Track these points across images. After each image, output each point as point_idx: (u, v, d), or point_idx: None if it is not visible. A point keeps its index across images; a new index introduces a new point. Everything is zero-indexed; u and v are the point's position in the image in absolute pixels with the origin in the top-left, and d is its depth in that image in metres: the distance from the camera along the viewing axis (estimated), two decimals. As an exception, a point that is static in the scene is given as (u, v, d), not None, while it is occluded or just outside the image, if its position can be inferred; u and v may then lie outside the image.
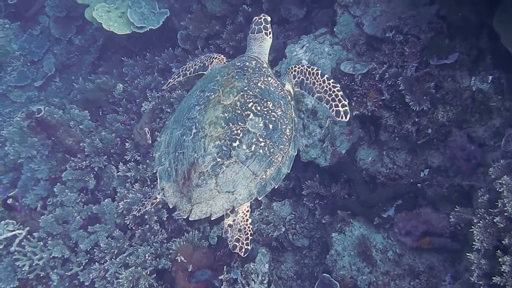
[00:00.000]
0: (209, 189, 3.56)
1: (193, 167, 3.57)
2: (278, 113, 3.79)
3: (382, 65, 5.33)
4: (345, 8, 5.95)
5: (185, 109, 3.93)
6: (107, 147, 7.13)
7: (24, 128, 7.51)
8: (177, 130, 3.85)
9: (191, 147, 3.62)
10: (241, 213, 3.77)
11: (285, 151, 3.76)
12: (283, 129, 3.77)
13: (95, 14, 8.07)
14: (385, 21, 5.55)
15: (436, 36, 5.15)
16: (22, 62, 10.66)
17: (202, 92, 3.93)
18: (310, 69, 4.08)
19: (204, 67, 4.64)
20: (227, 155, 3.55)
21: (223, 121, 3.61)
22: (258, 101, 3.75)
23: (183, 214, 3.64)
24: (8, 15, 11.30)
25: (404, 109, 5.17)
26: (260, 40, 4.40)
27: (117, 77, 8.55)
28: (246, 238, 3.74)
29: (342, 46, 5.82)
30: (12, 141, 7.50)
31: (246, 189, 3.62)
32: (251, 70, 4.00)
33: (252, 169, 3.60)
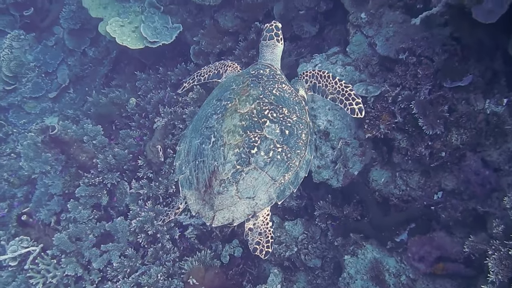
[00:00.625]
0: (230, 195, 3.65)
1: (214, 175, 3.67)
2: (294, 118, 3.89)
3: (395, 87, 5.29)
4: (358, 28, 5.91)
5: (203, 118, 4.01)
6: (120, 163, 7.16)
7: (38, 143, 7.58)
8: (196, 139, 3.95)
9: (211, 156, 3.72)
10: (261, 217, 3.85)
11: (301, 155, 3.86)
12: (299, 134, 3.87)
13: (108, 29, 8.11)
14: (398, 42, 5.50)
15: (449, 58, 5.09)
16: (36, 73, 10.75)
17: (218, 101, 4.01)
18: (322, 72, 4.24)
19: (218, 74, 4.76)
20: (246, 162, 3.64)
21: (241, 129, 3.71)
22: (273, 108, 3.84)
23: (206, 221, 3.72)
24: (23, 26, 11.40)
25: (417, 132, 5.12)
26: (272, 47, 4.51)
27: (130, 91, 8.58)
28: (267, 241, 3.80)
29: (355, 67, 5.79)
30: (26, 157, 7.57)
31: (266, 194, 3.70)
32: (266, 77, 4.10)
33: (271, 175, 3.69)
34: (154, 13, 8.23)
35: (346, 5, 6.02)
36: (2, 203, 8.37)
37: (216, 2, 7.54)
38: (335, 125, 5.66)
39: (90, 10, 8.85)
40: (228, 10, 7.75)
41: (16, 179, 8.54)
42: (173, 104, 7.65)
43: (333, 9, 6.87)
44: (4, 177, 8.69)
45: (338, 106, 4.19)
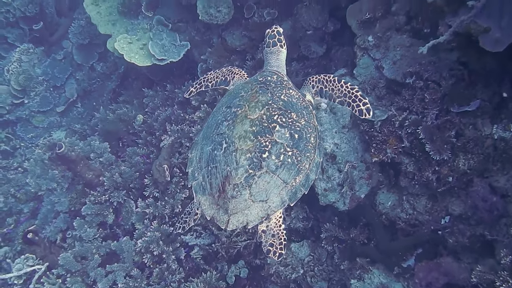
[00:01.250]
0: (244, 199, 3.73)
1: (227, 179, 3.76)
2: (302, 123, 3.99)
3: (402, 111, 5.28)
4: (365, 50, 5.90)
5: (213, 125, 4.12)
6: (126, 181, 7.17)
7: (45, 160, 7.62)
8: (207, 145, 4.04)
9: (223, 161, 3.81)
10: (274, 219, 3.92)
11: (311, 158, 3.95)
12: (308, 138, 3.96)
13: (117, 46, 8.15)
14: (405, 66, 5.49)
15: (457, 83, 5.07)
16: (45, 87, 10.81)
17: (228, 108, 4.12)
18: (327, 77, 4.36)
19: (226, 81, 4.85)
20: (258, 166, 3.73)
21: (251, 134, 3.81)
22: (282, 113, 3.95)
23: (221, 225, 3.81)
24: (32, 39, 11.49)
25: (425, 157, 5.10)
26: (276, 54, 4.63)
27: (138, 107, 8.60)
28: (280, 243, 3.87)
29: (362, 90, 5.75)
30: (33, 173, 7.61)
31: (278, 197, 3.79)
32: (273, 84, 4.22)
33: (282, 178, 3.78)
34: (162, 31, 8.27)
35: (353, 27, 6.01)
36: (9, 219, 8.38)
37: (224, 21, 7.58)
38: (342, 148, 5.64)
39: (99, 27, 8.90)
40: (235, 29, 7.79)
41: (23, 195, 8.57)
42: (180, 122, 7.66)
43: (340, 30, 6.88)
44: (11, 192, 8.71)
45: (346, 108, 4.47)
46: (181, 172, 6.96)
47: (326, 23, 6.87)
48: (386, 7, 5.69)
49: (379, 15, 5.73)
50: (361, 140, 5.64)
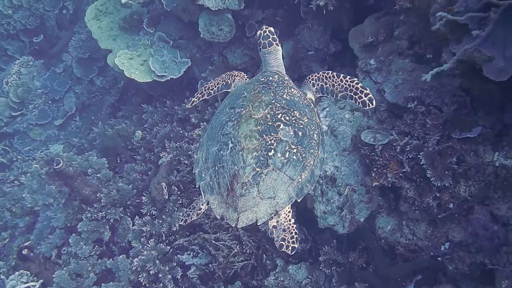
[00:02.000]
0: (252, 197, 3.78)
1: (235, 178, 3.80)
2: (305, 120, 4.06)
3: (403, 136, 5.26)
4: (367, 73, 5.91)
5: (218, 126, 4.17)
6: (123, 198, 7.11)
7: (42, 175, 7.56)
8: (213, 146, 4.08)
9: (230, 161, 3.86)
10: (283, 214, 3.96)
11: (315, 154, 4.03)
12: (311, 135, 4.04)
13: (117, 61, 8.15)
14: (407, 90, 5.49)
15: (459, 109, 5.06)
16: (43, 100, 10.80)
17: (232, 109, 4.17)
18: (326, 73, 4.43)
19: (227, 85, 4.91)
20: (265, 164, 3.79)
21: (257, 133, 3.87)
22: (285, 111, 4.02)
23: (231, 223, 3.84)
24: (32, 52, 11.51)
25: (425, 182, 5.07)
26: (274, 53, 4.66)
27: (136, 123, 8.58)
28: (292, 237, 3.90)
29: (363, 113, 5.77)
30: (29, 188, 7.55)
31: (286, 193, 3.85)
32: (275, 84, 4.30)
33: (289, 174, 3.83)
34: (163, 47, 8.27)
35: (356, 50, 6.02)
36: (4, 233, 8.31)
37: (226, 40, 7.60)
38: (342, 171, 5.62)
39: (100, 42, 8.91)
40: (237, 47, 7.81)
41: (19, 209, 8.51)
42: (179, 139, 7.63)
43: (342, 51, 6.89)
44: (6, 207, 8.64)
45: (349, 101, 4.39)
46: (179, 190, 6.92)
47: (328, 44, 6.88)
48: (388, 31, 5.70)
49: (381, 38, 5.74)
50: (361, 163, 5.61)
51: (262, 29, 4.72)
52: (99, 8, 9.29)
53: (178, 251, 6.63)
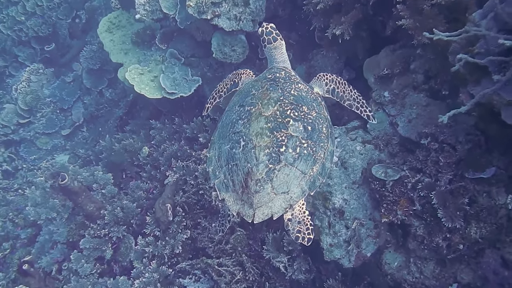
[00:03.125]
0: (267, 193, 3.92)
1: (249, 176, 3.92)
2: (313, 114, 4.21)
3: (415, 172, 5.17)
4: (380, 105, 5.82)
5: (229, 125, 4.29)
6: (127, 216, 7.04)
7: (46, 188, 7.49)
8: (225, 144, 4.22)
9: (243, 158, 3.98)
10: (297, 207, 4.13)
11: (325, 147, 4.19)
12: (320, 129, 4.19)
13: (127, 76, 8.08)
14: (421, 125, 5.40)
15: (473, 148, 4.96)
16: (51, 109, 10.79)
17: (241, 107, 4.30)
18: (339, 78, 4.80)
19: (235, 84, 5.11)
20: (277, 161, 3.93)
21: (268, 130, 4.01)
22: (294, 107, 4.16)
23: (247, 219, 3.97)
24: (43, 60, 11.51)
25: (436, 222, 4.96)
26: (280, 48, 4.82)
27: (144, 138, 8.51)
28: (307, 229, 4.10)
29: (374, 145, 5.68)
30: (33, 202, 7.48)
31: (299, 187, 3.99)
32: (283, 80, 4.43)
33: (301, 169, 3.98)
34: (175, 64, 8.23)
35: (370, 82, 5.94)
36: (5, 243, 8.24)
37: (238, 61, 7.54)
38: (351, 204, 5.52)
39: (111, 55, 8.88)
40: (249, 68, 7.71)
41: (21, 220, 8.45)
42: (186, 158, 7.55)
43: (356, 79, 6.79)
44: (9, 217, 8.58)
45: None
46: (183, 212, 6.83)
47: (341, 71, 6.80)
48: (404, 64, 5.62)
49: (397, 71, 5.65)
50: (371, 197, 5.51)
51: (263, 26, 4.80)
52: (112, 20, 9.27)
53: (180, 274, 6.54)
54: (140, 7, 7.92)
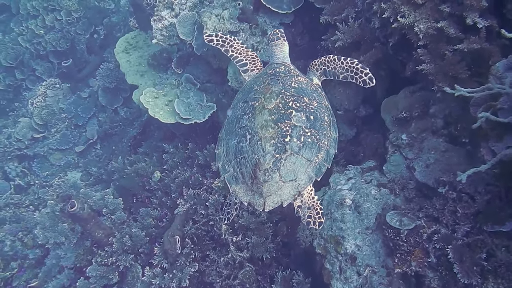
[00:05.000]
0: (275, 181, 4.11)
1: (257, 166, 4.11)
2: (315, 105, 4.42)
3: (431, 221, 5.00)
4: (397, 148, 5.67)
5: (234, 121, 4.51)
6: (136, 245, 6.94)
7: (56, 212, 7.44)
8: (232, 139, 4.43)
9: (250, 151, 4.19)
10: (306, 194, 4.33)
11: (328, 135, 4.40)
12: (322, 117, 4.39)
13: (142, 99, 8.00)
14: (438, 171, 5.24)
15: (492, 199, 4.78)
16: (66, 125, 10.77)
17: (245, 103, 4.52)
18: (327, 58, 4.95)
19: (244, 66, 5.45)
20: (283, 150, 4.12)
21: (272, 122, 4.21)
22: (296, 98, 4.37)
23: (258, 207, 4.17)
24: (59, 74, 11.52)
25: (451, 275, 4.78)
26: (280, 46, 5.19)
27: (156, 162, 8.41)
28: (317, 213, 4.33)
29: (390, 190, 5.51)
30: (42, 225, 7.41)
31: (305, 174, 4.20)
32: (283, 74, 4.66)
33: (306, 157, 4.18)
34: (190, 89, 8.14)
35: (387, 122, 5.80)
36: (13, 263, 8.21)
37: (253, 90, 7.43)
38: (363, 250, 5.35)
39: (127, 76, 8.85)
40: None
41: (30, 240, 8.41)
42: (198, 186, 7.44)
43: (372, 115, 6.65)
44: (18, 236, 8.53)
45: (351, 82, 4.97)
46: (192, 243, 6.71)
47: (359, 106, 6.65)
48: (423, 107, 5.47)
49: (415, 114, 5.50)
50: (384, 244, 5.34)
51: (273, 30, 5.35)
52: (130, 41, 9.25)
53: (186, 308, 6.43)
54: (157, 32, 7.86)
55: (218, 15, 7.16)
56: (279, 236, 6.51)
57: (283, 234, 6.50)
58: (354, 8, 6.02)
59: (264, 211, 4.25)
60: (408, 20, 4.96)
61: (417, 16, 4.97)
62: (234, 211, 4.56)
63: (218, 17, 7.16)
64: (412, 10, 5.04)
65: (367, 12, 5.95)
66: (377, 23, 5.62)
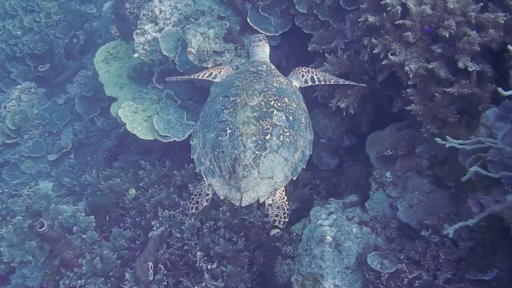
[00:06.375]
0: (254, 178, 4.19)
1: (237, 161, 4.17)
2: (294, 106, 4.51)
3: (412, 265, 4.89)
4: (381, 185, 5.55)
5: (213, 114, 4.53)
6: (106, 268, 6.69)
7: (24, 228, 7.14)
8: (209, 132, 4.45)
9: (230, 145, 4.23)
10: (278, 194, 4.37)
11: (304, 136, 4.49)
12: (300, 119, 4.48)
13: (120, 113, 7.75)
14: (422, 212, 5.14)
15: (475, 246, 4.69)
16: (40, 132, 10.40)
17: (225, 98, 4.55)
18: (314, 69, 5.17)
19: (214, 76, 5.36)
20: (263, 147, 4.19)
21: (254, 119, 4.26)
22: (277, 98, 4.45)
23: (235, 202, 4.23)
24: (35, 78, 11.18)
25: (431, 323, 4.68)
26: (262, 46, 5.29)
27: (132, 179, 8.14)
28: (284, 213, 4.39)
29: (372, 228, 5.39)
30: (9, 243, 7.10)
31: (282, 173, 4.29)
32: (265, 73, 4.73)
33: (284, 156, 4.27)
34: (170, 105, 7.92)
35: (372, 159, 5.68)
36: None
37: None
38: (342, 291, 5.22)
39: (106, 87, 8.61)
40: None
41: (-6, 254, 8.05)
42: (174, 207, 7.21)
43: (356, 146, 6.55)
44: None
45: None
46: (166, 269, 6.49)
47: (343, 136, 6.55)
48: (409, 146, 5.37)
49: (401, 153, 5.40)
50: (364, 286, 5.20)
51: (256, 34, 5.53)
52: (110, 51, 8.99)
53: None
54: (140, 46, 7.64)
55: (203, 33, 6.98)
56: (256, 265, 6.32)
57: (260, 263, 6.32)
58: (344, 39, 5.91)
59: (241, 206, 4.29)
60: (399, 58, 4.86)
61: (408, 55, 4.88)
62: (204, 202, 4.50)
63: (203, 35, 6.97)
64: (403, 48, 4.94)
65: (356, 44, 5.86)
66: (366, 56, 5.52)
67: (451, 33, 4.60)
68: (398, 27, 5.02)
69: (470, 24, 4.62)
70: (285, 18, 6.87)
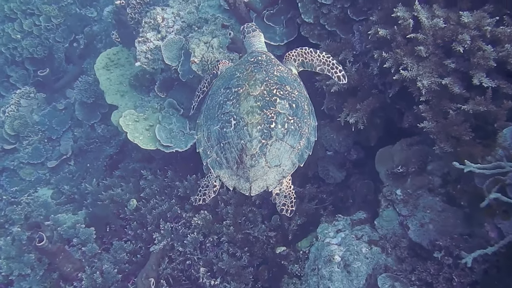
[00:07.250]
0: (261, 166, 4.18)
1: (244, 152, 4.15)
2: (296, 93, 4.49)
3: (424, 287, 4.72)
4: (391, 202, 5.38)
5: (216, 106, 4.48)
6: (106, 282, 6.52)
7: (23, 240, 6.97)
8: (213, 125, 4.41)
9: (236, 136, 4.21)
10: (285, 183, 4.36)
11: (308, 123, 4.47)
12: (303, 106, 4.47)
13: (121, 121, 7.58)
14: (434, 231, 4.96)
15: (490, 268, 4.52)
16: (39, 138, 10.24)
17: (227, 89, 4.50)
18: (304, 49, 5.00)
19: (215, 75, 5.25)
20: (268, 136, 4.17)
21: (258, 109, 4.23)
22: (279, 87, 4.42)
23: (245, 192, 4.24)
24: (35, 83, 11.01)
25: None
26: (257, 37, 5.21)
27: (133, 189, 7.96)
28: (291, 202, 4.37)
29: (381, 248, 5.22)
30: (7, 254, 6.93)
31: (289, 160, 4.28)
32: (265, 62, 4.69)
33: (290, 143, 4.25)
34: (173, 114, 7.74)
35: (382, 175, 5.51)
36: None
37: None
38: (351, 313, 5.05)
39: (106, 95, 8.45)
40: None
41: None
42: (176, 219, 7.04)
43: (363, 159, 6.37)
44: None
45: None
46: (168, 285, 6.33)
47: (350, 149, 6.38)
48: (421, 164, 5.19)
49: (412, 170, 5.23)
50: (373, 307, 5.06)
51: (245, 24, 5.33)
52: (111, 57, 8.82)
53: None
54: (141, 55, 7.46)
55: (207, 42, 6.81)
56: (260, 282, 6.16)
57: (264, 279, 6.16)
58: (352, 51, 5.73)
59: (251, 195, 4.26)
60: (410, 73, 4.69)
61: (420, 70, 4.70)
62: (212, 193, 4.47)
63: (206, 44, 6.80)
64: (415, 62, 4.77)
65: (365, 56, 5.68)
66: (376, 69, 5.36)
67: (465, 47, 4.43)
68: (409, 41, 4.85)
69: (485, 38, 4.45)
70: (291, 27, 6.70)
